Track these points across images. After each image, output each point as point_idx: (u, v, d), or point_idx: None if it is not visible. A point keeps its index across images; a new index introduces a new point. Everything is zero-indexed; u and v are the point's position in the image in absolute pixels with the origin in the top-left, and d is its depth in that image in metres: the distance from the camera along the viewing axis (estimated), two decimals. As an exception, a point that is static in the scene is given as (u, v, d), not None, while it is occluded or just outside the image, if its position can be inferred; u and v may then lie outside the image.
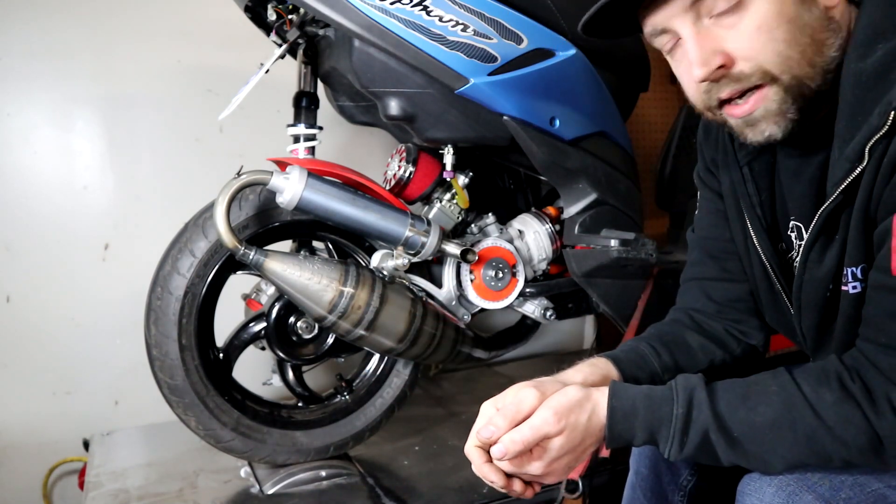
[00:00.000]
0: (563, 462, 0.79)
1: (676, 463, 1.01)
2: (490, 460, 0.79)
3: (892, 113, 0.68)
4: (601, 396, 0.79)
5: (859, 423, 0.71)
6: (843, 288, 0.78)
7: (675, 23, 0.77)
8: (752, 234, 0.93)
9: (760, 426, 0.75)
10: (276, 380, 1.47)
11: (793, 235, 0.89)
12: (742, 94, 0.78)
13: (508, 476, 0.80)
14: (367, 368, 1.54)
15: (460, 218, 1.48)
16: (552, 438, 0.77)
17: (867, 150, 0.71)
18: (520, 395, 0.79)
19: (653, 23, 0.79)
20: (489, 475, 0.80)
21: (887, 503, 0.76)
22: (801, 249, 0.83)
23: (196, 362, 1.30)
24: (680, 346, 1.00)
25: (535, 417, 0.77)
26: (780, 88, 0.76)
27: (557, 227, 1.57)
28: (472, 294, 1.47)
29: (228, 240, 1.18)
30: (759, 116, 0.78)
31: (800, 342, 0.92)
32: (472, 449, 0.81)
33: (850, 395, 0.73)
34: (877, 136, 0.70)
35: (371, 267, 1.34)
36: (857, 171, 0.72)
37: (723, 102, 0.79)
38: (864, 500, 0.76)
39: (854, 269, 0.76)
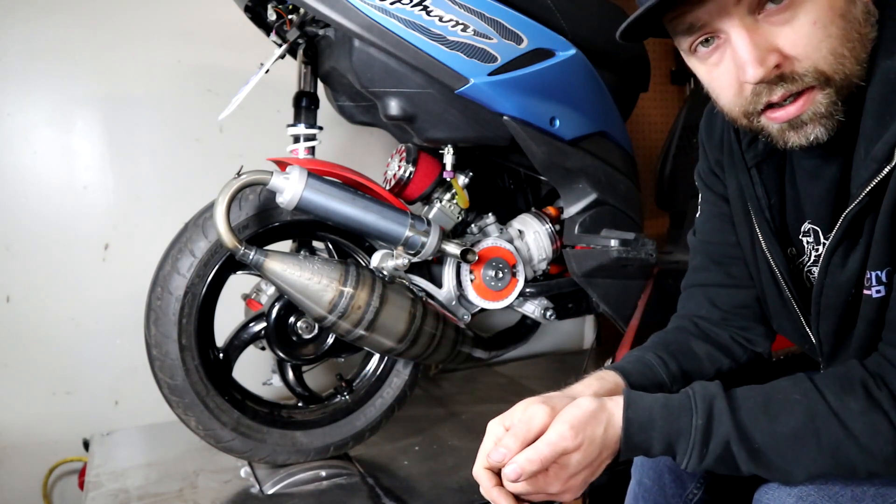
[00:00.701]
0: (581, 478, 0.76)
1: (682, 475, 0.99)
2: (500, 483, 0.75)
3: None
4: (616, 407, 0.76)
5: (886, 432, 0.69)
6: (866, 292, 0.75)
7: (723, 19, 0.70)
8: (761, 238, 0.90)
9: (783, 437, 0.73)
10: (276, 380, 1.47)
11: (806, 240, 0.86)
12: (789, 96, 0.72)
13: (518, 499, 0.76)
14: (367, 368, 1.54)
15: (460, 218, 1.48)
16: (570, 454, 0.73)
17: None
18: (529, 411, 0.75)
19: (692, 20, 0.72)
20: (499, 499, 0.75)
21: None
22: (823, 254, 0.80)
23: (196, 362, 1.30)
24: (686, 355, 0.97)
25: (550, 433, 0.73)
26: (831, 90, 0.71)
27: (557, 227, 1.57)
28: (472, 294, 1.47)
29: (228, 240, 1.18)
30: (806, 119, 0.73)
31: (811, 347, 0.90)
32: (480, 471, 0.77)
33: (876, 404, 0.70)
34: None
35: (371, 267, 1.34)
36: (885, 172, 0.69)
37: (766, 107, 0.74)
38: None
39: (878, 272, 0.73)
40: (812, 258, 0.87)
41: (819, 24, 0.69)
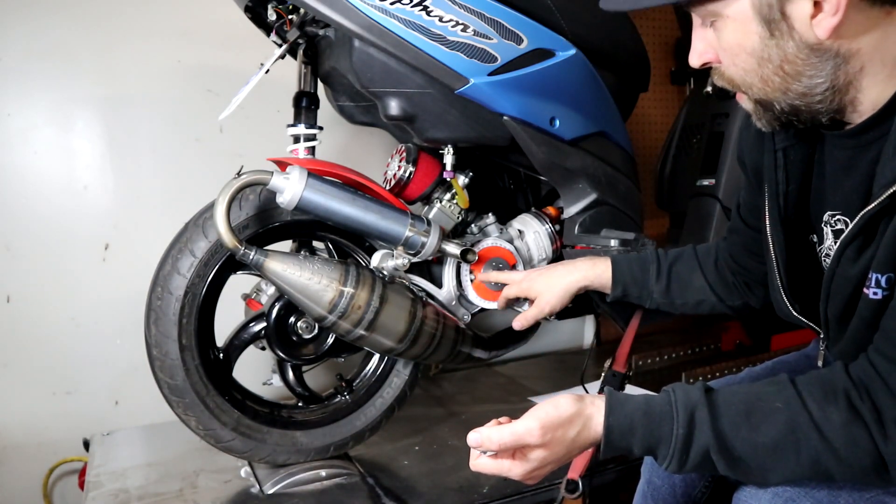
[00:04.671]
0: (545, 470, 0.79)
1: (692, 475, 1.01)
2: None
3: None
4: (596, 411, 0.78)
5: (866, 445, 0.70)
6: (865, 290, 0.75)
7: (692, 10, 0.80)
8: (768, 221, 0.91)
9: (763, 447, 0.73)
10: (276, 380, 1.46)
11: (826, 229, 0.86)
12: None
13: None
14: (367, 368, 1.54)
15: (460, 218, 1.48)
16: (534, 449, 0.77)
17: None
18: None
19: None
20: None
21: None
22: (839, 244, 0.80)
23: (196, 362, 1.29)
24: (682, 285, 1.19)
25: (519, 425, 0.76)
26: (749, 99, 0.80)
27: (557, 227, 1.57)
28: (472, 294, 1.47)
29: (228, 240, 1.18)
30: (749, 110, 0.82)
31: (820, 327, 0.91)
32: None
33: (858, 416, 0.71)
34: None
35: (371, 267, 1.34)
36: None
37: None
38: None
39: (880, 275, 0.73)
40: (827, 249, 0.87)
41: (727, 52, 0.77)
